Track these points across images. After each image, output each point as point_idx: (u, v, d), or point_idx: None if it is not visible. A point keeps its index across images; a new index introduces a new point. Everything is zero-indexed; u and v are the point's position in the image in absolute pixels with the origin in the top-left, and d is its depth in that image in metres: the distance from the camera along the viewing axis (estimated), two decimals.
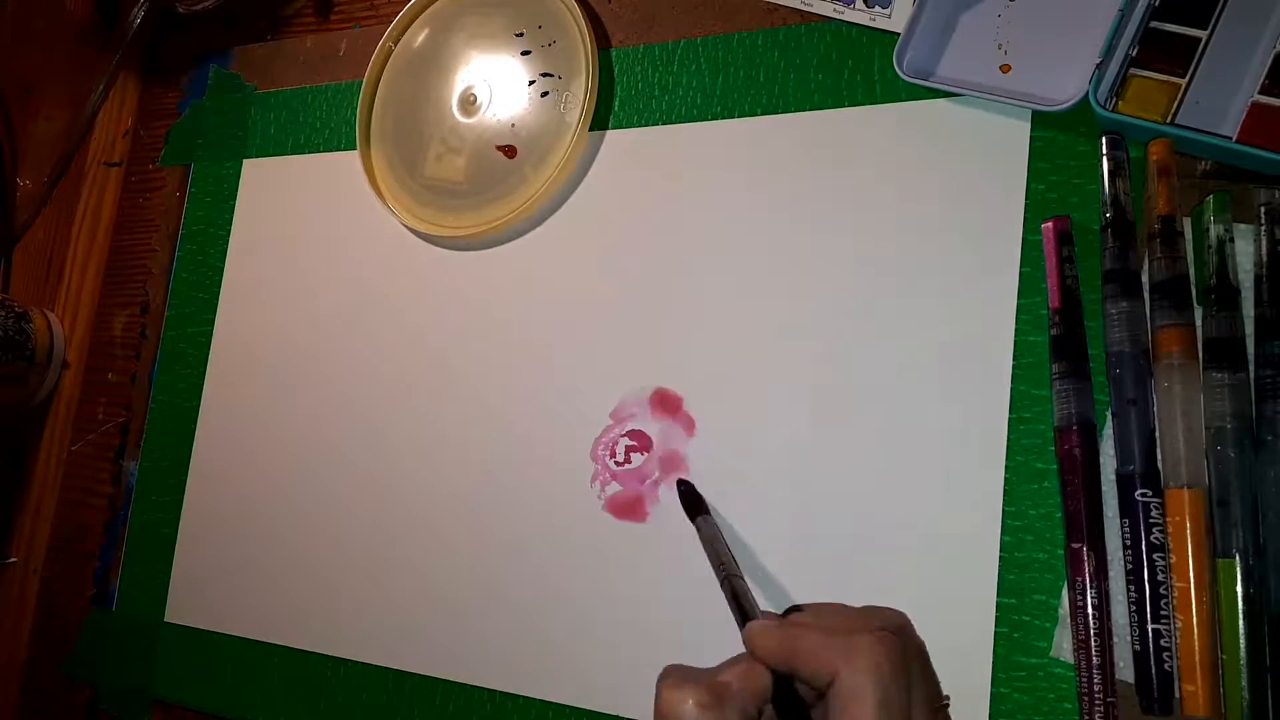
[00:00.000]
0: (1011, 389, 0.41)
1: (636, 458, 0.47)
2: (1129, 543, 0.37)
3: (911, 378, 0.43)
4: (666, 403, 0.47)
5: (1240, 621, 0.34)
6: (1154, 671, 0.36)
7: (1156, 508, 0.37)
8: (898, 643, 0.28)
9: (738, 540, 0.44)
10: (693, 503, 0.44)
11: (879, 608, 0.32)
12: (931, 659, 0.31)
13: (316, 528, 0.55)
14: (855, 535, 0.42)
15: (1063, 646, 0.38)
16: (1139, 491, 0.37)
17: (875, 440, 0.43)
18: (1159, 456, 0.37)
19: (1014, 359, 0.41)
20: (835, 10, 0.47)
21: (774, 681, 0.30)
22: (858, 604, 0.37)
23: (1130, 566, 0.37)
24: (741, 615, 0.34)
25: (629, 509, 0.47)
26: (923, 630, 0.40)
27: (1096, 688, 0.36)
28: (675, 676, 0.30)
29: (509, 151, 0.53)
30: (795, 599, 0.42)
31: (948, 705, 0.31)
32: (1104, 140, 0.40)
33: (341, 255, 0.58)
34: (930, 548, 0.41)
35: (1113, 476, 0.38)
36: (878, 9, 0.46)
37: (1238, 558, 0.35)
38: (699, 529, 0.42)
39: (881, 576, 0.41)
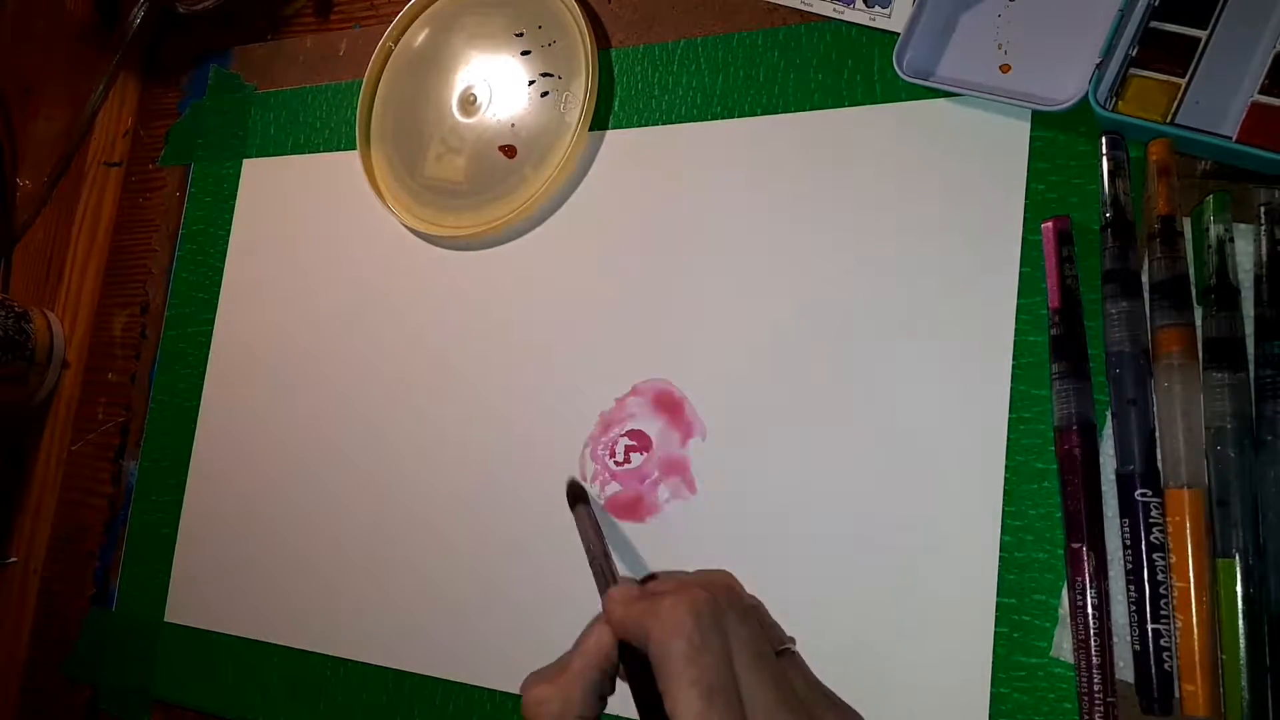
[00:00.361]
0: (1011, 389, 0.41)
1: (636, 458, 0.47)
2: (1129, 543, 0.37)
3: (911, 377, 0.43)
4: (667, 403, 0.47)
5: (1240, 621, 0.34)
6: (1154, 671, 0.36)
7: (1156, 508, 0.37)
8: (704, 597, 0.28)
9: (737, 539, 0.44)
10: (575, 494, 0.44)
11: (707, 570, 0.32)
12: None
13: (316, 528, 0.55)
14: (855, 535, 0.42)
15: (1063, 646, 0.38)
16: (1139, 491, 0.37)
17: (875, 440, 0.43)
18: (1159, 456, 0.37)
19: (1014, 359, 0.41)
20: (835, 10, 0.47)
21: (620, 640, 0.30)
22: (857, 603, 0.37)
23: (1130, 566, 0.37)
24: (604, 583, 0.35)
25: (629, 509, 0.47)
26: (923, 630, 0.40)
27: (1096, 688, 0.36)
28: (528, 681, 0.31)
29: (509, 151, 0.53)
30: (794, 599, 0.42)
31: (790, 647, 0.31)
32: (1104, 140, 0.40)
33: (341, 255, 0.58)
34: (930, 548, 0.41)
35: (1113, 476, 0.38)
36: (878, 9, 0.46)
37: (1238, 558, 0.35)
38: (575, 516, 0.42)
39: (881, 576, 0.41)
